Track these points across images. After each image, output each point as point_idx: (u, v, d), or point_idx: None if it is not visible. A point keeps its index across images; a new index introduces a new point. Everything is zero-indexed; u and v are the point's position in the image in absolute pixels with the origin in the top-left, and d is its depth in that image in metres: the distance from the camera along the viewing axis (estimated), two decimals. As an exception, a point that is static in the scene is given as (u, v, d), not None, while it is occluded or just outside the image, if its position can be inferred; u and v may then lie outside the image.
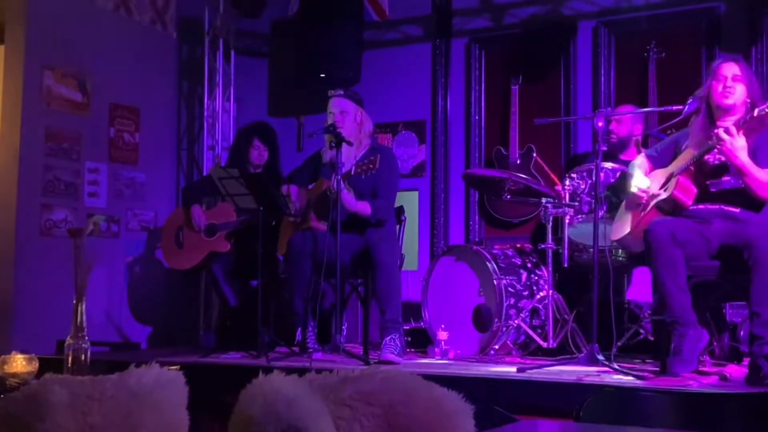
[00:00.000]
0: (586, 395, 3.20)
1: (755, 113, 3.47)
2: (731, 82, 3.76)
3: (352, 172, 4.51)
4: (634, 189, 3.96)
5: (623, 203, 4.14)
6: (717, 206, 3.76)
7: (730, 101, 3.77)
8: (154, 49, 6.34)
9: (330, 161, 4.68)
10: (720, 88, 3.77)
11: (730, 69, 3.77)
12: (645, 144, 5.02)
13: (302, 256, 4.57)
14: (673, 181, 3.80)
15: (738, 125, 3.59)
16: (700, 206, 3.79)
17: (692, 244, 3.70)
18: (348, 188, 4.51)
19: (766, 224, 3.71)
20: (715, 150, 3.67)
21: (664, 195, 3.82)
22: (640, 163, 4.09)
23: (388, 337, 4.35)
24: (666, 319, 3.67)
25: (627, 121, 4.96)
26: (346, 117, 4.72)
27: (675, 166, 3.87)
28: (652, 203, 3.88)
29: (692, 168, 3.78)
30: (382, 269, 4.39)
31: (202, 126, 6.54)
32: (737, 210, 3.72)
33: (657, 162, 4.05)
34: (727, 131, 3.57)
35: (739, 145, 3.56)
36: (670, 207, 3.83)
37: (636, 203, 4.00)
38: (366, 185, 4.66)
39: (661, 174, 3.97)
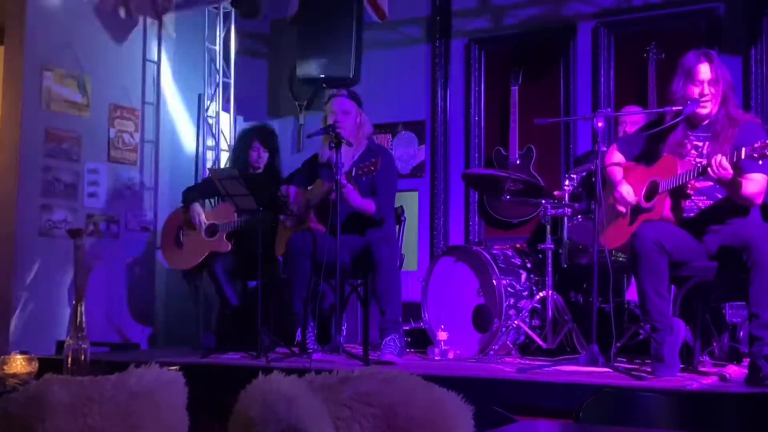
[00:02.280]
0: (585, 396, 3.20)
1: (742, 154, 3.45)
2: (707, 89, 3.74)
3: (353, 173, 4.51)
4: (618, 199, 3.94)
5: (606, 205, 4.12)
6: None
7: (706, 110, 3.77)
8: (154, 49, 6.33)
9: (327, 161, 4.68)
10: (697, 94, 3.76)
11: (706, 72, 3.74)
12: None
13: (301, 256, 4.57)
14: (660, 199, 3.78)
15: (731, 161, 3.51)
16: (691, 215, 3.80)
17: (683, 248, 3.71)
18: (353, 184, 4.51)
19: (765, 226, 3.72)
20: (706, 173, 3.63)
21: (652, 215, 3.81)
22: (617, 160, 4.06)
23: (388, 338, 4.34)
24: (642, 322, 3.74)
25: (639, 120, 4.95)
26: (349, 117, 4.71)
27: (657, 174, 3.83)
28: (639, 217, 3.87)
29: (676, 185, 3.75)
30: (382, 270, 4.39)
31: (202, 126, 6.54)
32: (726, 221, 3.71)
33: (628, 154, 4.04)
34: (721, 165, 3.53)
35: (739, 185, 3.57)
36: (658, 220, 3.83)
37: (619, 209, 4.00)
38: (365, 186, 4.66)
39: (640, 173, 3.94)
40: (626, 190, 3.93)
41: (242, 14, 6.46)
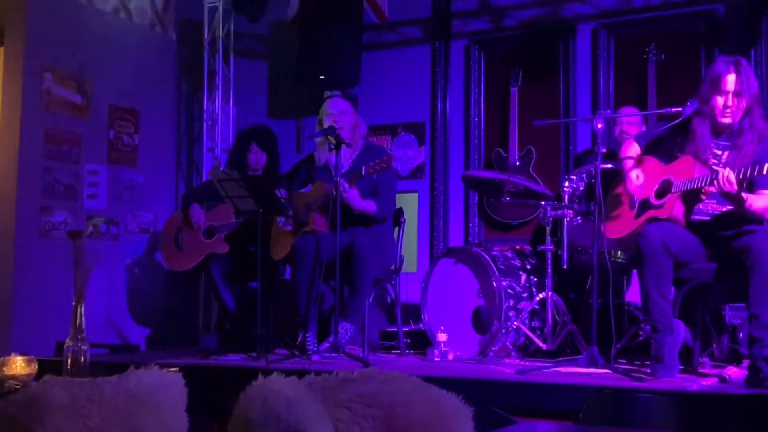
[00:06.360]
0: (585, 397, 3.20)
1: (764, 169, 3.43)
2: (732, 100, 3.72)
3: (363, 172, 4.49)
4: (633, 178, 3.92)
5: (613, 196, 4.12)
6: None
7: (728, 120, 3.76)
8: (154, 51, 6.34)
9: (325, 164, 4.69)
10: (721, 104, 3.74)
11: (732, 82, 3.70)
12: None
13: (307, 259, 4.58)
14: (671, 199, 3.78)
15: (738, 177, 3.52)
16: (700, 217, 3.80)
17: (688, 250, 3.71)
18: (356, 188, 4.52)
19: (765, 227, 3.71)
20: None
21: (660, 213, 3.81)
22: (632, 152, 4.06)
23: (343, 325, 4.38)
24: (643, 323, 3.77)
25: (637, 122, 4.96)
26: (346, 117, 4.74)
27: (673, 174, 3.83)
28: (646, 213, 3.87)
29: (689, 188, 3.74)
30: (360, 257, 4.44)
31: (202, 128, 6.54)
32: (738, 229, 3.70)
33: (642, 144, 4.04)
34: (728, 179, 3.52)
35: (742, 201, 3.56)
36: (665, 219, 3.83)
37: (628, 200, 4.00)
38: (366, 186, 4.67)
39: (655, 169, 3.94)
40: (634, 175, 3.92)
41: (246, 16, 6.45)
